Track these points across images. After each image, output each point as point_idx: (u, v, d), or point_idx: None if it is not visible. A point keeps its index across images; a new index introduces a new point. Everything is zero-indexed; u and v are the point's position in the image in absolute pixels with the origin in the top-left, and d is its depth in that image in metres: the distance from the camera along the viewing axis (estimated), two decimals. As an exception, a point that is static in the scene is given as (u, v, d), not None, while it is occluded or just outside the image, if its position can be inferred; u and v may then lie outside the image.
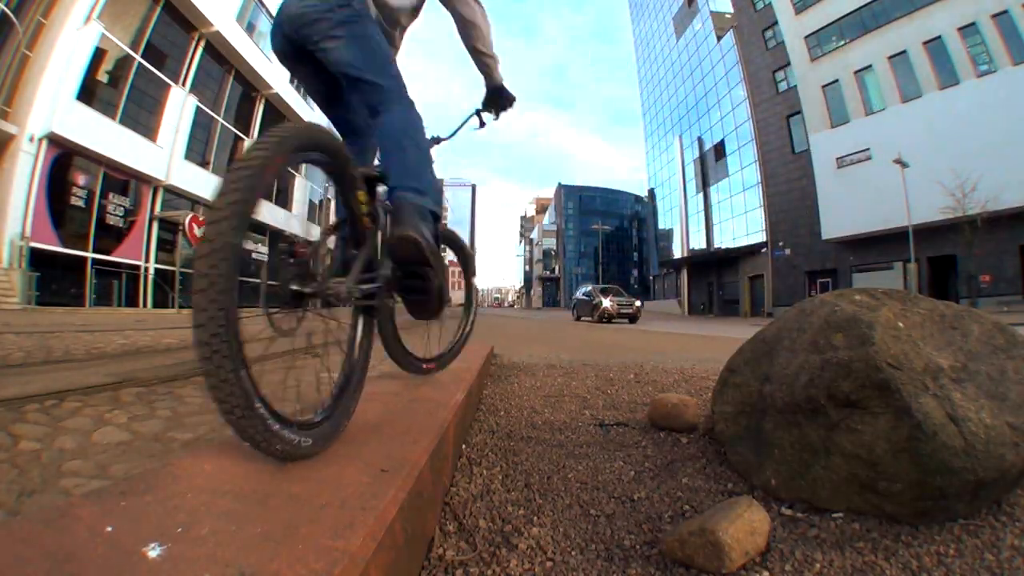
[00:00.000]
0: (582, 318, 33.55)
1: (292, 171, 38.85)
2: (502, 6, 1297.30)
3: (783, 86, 48.46)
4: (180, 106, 28.15)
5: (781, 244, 47.31)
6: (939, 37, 34.40)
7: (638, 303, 31.57)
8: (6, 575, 0.87)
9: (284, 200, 38.73)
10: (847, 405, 1.98)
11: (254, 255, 34.72)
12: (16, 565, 0.89)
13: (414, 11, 2.91)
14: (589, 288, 35.38)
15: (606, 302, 29.90)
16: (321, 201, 43.18)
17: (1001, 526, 1.80)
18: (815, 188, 42.15)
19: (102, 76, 24.11)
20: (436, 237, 2.28)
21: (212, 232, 1.29)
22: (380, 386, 2.90)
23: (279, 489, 1.29)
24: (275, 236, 37.36)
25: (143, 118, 26.13)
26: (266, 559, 0.93)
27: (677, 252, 69.09)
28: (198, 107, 29.68)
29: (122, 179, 25.34)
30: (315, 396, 2.05)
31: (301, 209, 40.83)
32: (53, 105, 20.82)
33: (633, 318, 30.23)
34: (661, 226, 79.49)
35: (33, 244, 20.60)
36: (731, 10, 56.43)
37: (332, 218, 2.77)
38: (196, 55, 29.76)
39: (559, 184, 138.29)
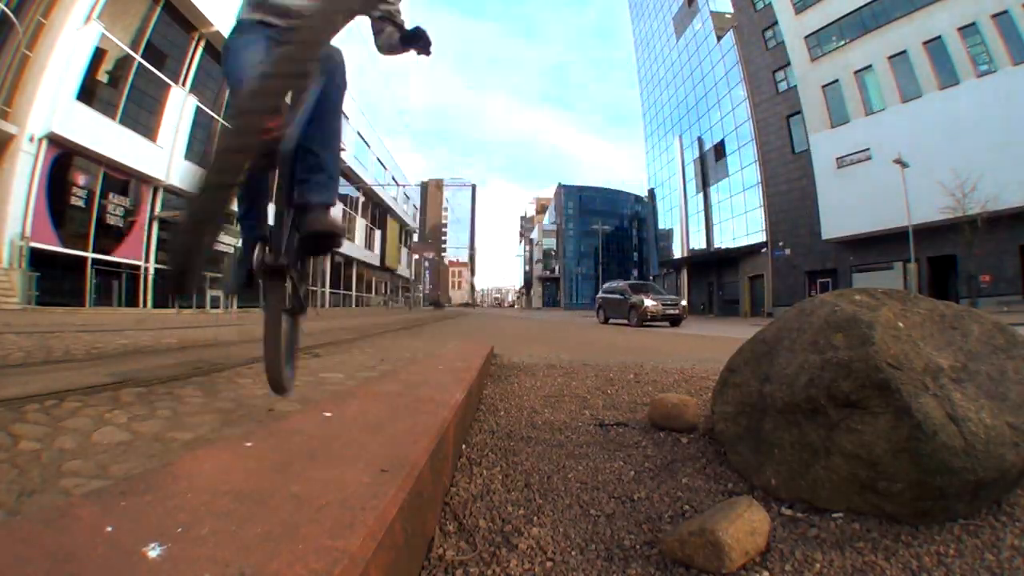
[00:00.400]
0: (611, 320, 29.47)
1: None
2: (502, 6, 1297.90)
3: (783, 86, 48.55)
4: (180, 106, 28.19)
5: (781, 244, 47.37)
6: (939, 37, 34.44)
7: (683, 302, 26.89)
8: (6, 575, 0.87)
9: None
10: (847, 405, 1.98)
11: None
12: (16, 565, 0.90)
13: None
14: (619, 285, 30.42)
15: (649, 301, 25.19)
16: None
17: (1001, 526, 1.80)
18: (815, 188, 42.21)
19: (102, 76, 24.14)
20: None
21: None
22: (381, 386, 2.90)
23: (279, 489, 1.29)
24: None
25: (143, 118, 26.16)
26: (266, 559, 0.94)
27: (677, 252, 69.19)
28: (198, 107, 29.70)
29: (122, 179, 25.38)
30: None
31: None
32: (53, 105, 20.85)
33: (676, 320, 25.65)
34: (661, 226, 79.61)
35: (33, 244, 20.62)
36: (731, 10, 56.51)
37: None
38: (196, 55, 29.78)
39: (559, 184, 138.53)
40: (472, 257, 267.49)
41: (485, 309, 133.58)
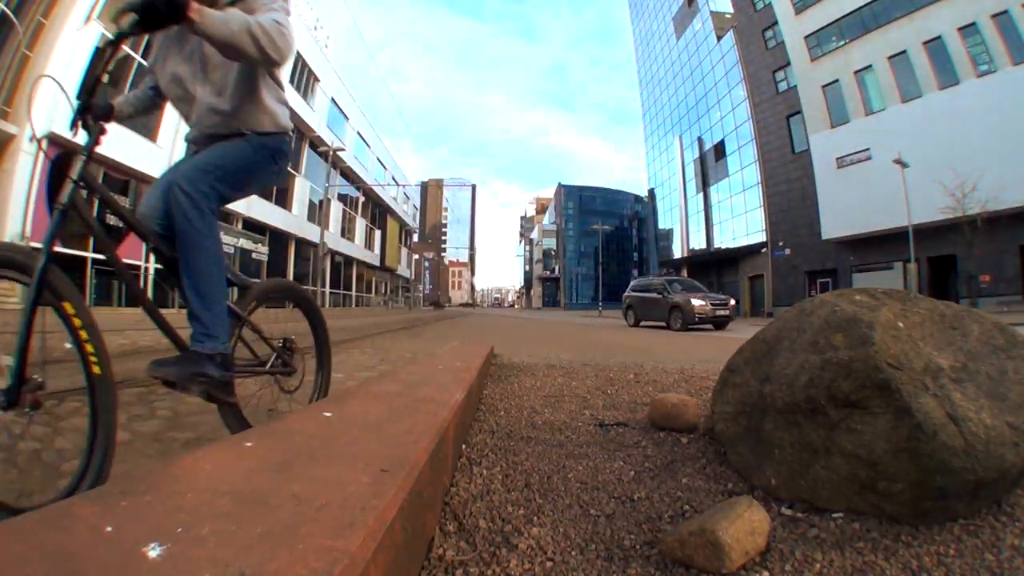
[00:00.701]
0: (643, 323, 25.23)
1: (292, 171, 38.80)
2: (502, 6, 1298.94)
3: (783, 86, 48.50)
4: (180, 106, 28.12)
5: (781, 244, 47.32)
6: (939, 37, 34.38)
7: (732, 301, 22.92)
8: (6, 575, 0.87)
9: (283, 200, 38.64)
10: (847, 405, 1.98)
11: (254, 255, 34.71)
12: (16, 565, 0.90)
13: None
14: (655, 281, 26.06)
15: (697, 301, 20.96)
16: (321, 201, 43.14)
17: (1001, 526, 1.80)
18: (815, 188, 42.15)
19: (102, 76, 24.08)
20: None
21: None
22: (381, 386, 2.90)
23: (279, 489, 1.29)
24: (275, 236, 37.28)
25: (143, 118, 26.10)
26: (266, 559, 0.93)
27: (677, 252, 69.10)
28: (198, 107, 29.64)
29: (122, 179, 25.33)
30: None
31: (301, 210, 40.81)
32: (53, 105, 20.82)
33: (724, 322, 21.62)
34: (661, 226, 79.58)
35: (33, 244, 20.58)
36: (731, 10, 56.47)
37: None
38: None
39: (559, 184, 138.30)
40: (472, 257, 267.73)
41: (485, 309, 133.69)
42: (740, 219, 54.60)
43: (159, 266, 2.70)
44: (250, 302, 3.02)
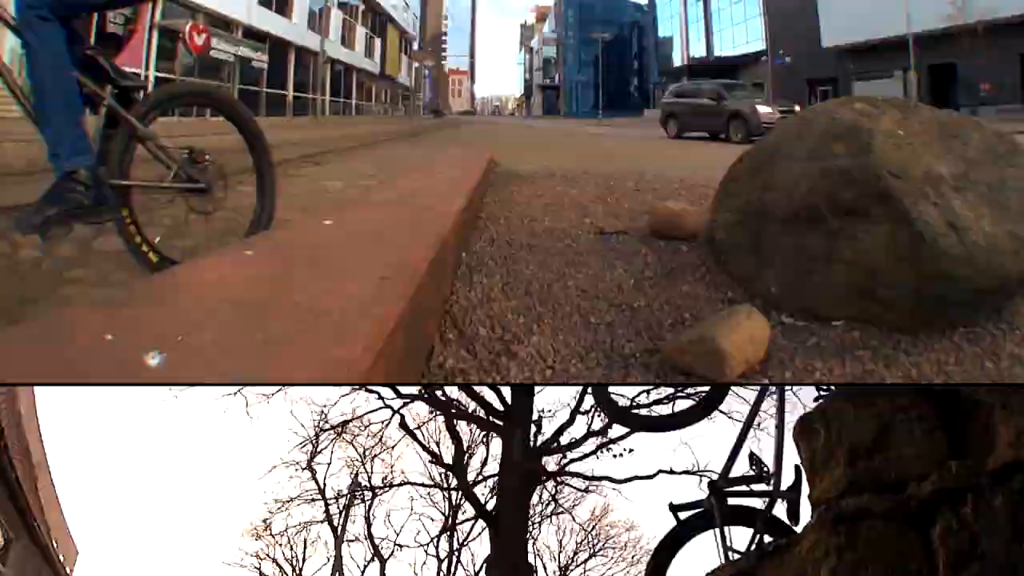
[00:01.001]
0: (687, 134, 20.10)
1: None
2: None
3: None
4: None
5: (781, 52, 46.20)
6: None
7: (797, 107, 16.73)
8: (10, 379, 0.86)
9: (284, 8, 37.05)
10: (847, 213, 1.96)
11: (254, 63, 33.89)
12: (19, 370, 0.89)
13: None
14: (705, 85, 21.30)
15: (764, 108, 17.25)
16: (321, 9, 41.59)
17: (1000, 334, 1.82)
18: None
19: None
20: None
21: None
22: (381, 194, 2.87)
23: (280, 297, 1.28)
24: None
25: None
26: (265, 367, 0.93)
27: (677, 61, 67.62)
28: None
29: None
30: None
31: (301, 18, 39.25)
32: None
33: None
34: (661, 34, 77.43)
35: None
36: None
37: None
38: None
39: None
40: (472, 66, 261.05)
41: (485, 117, 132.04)
42: (740, 27, 53.20)
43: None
44: (146, 109, 2.56)
